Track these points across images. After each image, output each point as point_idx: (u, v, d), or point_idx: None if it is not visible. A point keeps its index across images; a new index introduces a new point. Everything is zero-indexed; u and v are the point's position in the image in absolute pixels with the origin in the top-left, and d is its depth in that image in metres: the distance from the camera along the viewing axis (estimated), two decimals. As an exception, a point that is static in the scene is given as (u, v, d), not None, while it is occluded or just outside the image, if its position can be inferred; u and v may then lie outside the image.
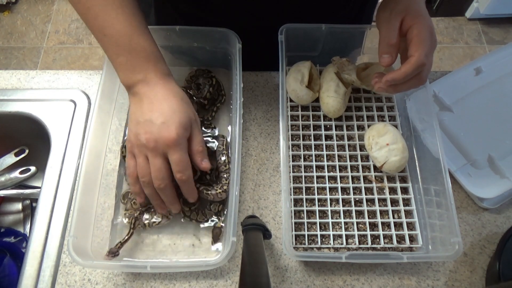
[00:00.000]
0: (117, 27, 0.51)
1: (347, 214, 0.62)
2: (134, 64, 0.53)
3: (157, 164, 0.51)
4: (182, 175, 0.52)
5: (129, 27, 0.52)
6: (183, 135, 0.51)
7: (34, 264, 0.59)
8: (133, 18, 0.52)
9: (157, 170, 0.51)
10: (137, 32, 0.52)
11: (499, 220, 0.63)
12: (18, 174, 0.76)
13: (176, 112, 0.51)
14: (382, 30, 0.54)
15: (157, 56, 0.54)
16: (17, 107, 0.72)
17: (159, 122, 0.50)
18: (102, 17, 0.51)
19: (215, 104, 0.70)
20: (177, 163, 0.51)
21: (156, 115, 0.51)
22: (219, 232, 0.60)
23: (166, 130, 0.50)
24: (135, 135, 0.52)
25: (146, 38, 0.53)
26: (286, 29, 0.65)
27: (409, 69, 0.50)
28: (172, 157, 0.51)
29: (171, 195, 0.54)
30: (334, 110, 0.66)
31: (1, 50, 2.05)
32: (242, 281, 0.44)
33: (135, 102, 0.53)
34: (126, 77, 0.53)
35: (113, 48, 0.53)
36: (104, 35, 0.52)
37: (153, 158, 0.51)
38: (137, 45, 0.52)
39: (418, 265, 0.60)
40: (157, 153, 0.51)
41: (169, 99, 0.52)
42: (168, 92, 0.53)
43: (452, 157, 0.66)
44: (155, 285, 0.58)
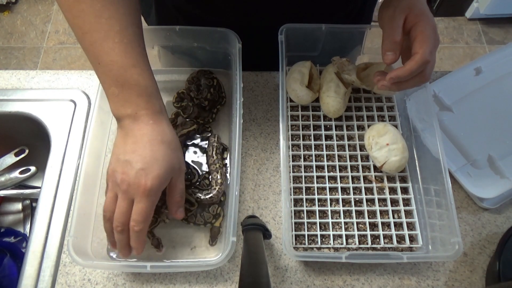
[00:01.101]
0: (112, 57, 0.48)
1: (347, 214, 0.62)
2: (125, 98, 0.50)
3: (122, 207, 0.49)
4: (136, 225, 0.49)
5: (125, 58, 0.49)
6: (158, 187, 0.49)
7: (34, 264, 0.59)
8: (131, 48, 0.49)
9: (120, 212, 0.49)
10: (132, 65, 0.49)
11: (499, 220, 0.63)
12: (18, 174, 0.76)
13: (157, 161, 0.48)
14: (386, 27, 0.54)
15: (151, 92, 0.51)
16: (17, 107, 0.72)
17: (138, 167, 0.48)
18: (99, 44, 0.48)
19: (215, 106, 0.70)
20: (138, 212, 0.48)
21: (137, 158, 0.48)
22: (217, 231, 0.60)
23: (142, 178, 0.47)
24: (112, 171, 0.50)
25: (142, 72, 0.50)
26: (286, 29, 0.65)
27: (414, 66, 0.50)
28: (137, 205, 0.48)
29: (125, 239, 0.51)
30: (334, 110, 0.66)
31: (1, 50, 2.05)
32: (242, 281, 0.44)
33: (121, 136, 0.51)
34: (116, 109, 0.51)
35: (106, 78, 0.50)
36: (98, 63, 0.49)
37: (121, 200, 0.49)
38: (130, 79, 0.49)
39: (418, 265, 0.60)
40: (126, 196, 0.49)
41: (154, 145, 0.49)
42: (155, 136, 0.50)
43: (452, 157, 0.66)
44: (155, 285, 0.58)
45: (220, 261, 0.51)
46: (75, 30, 0.49)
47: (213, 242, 0.59)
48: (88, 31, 0.48)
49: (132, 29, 0.50)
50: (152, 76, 0.52)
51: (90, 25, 0.48)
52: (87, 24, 0.48)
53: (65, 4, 0.48)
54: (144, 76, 0.50)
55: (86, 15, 0.48)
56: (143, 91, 0.50)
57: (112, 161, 0.51)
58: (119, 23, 0.48)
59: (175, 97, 0.68)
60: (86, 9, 0.47)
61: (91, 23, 0.48)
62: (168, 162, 0.49)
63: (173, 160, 0.50)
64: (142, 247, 0.52)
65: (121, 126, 0.51)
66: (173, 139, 0.52)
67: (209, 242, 0.59)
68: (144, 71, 0.51)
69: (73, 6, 0.48)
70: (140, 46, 0.51)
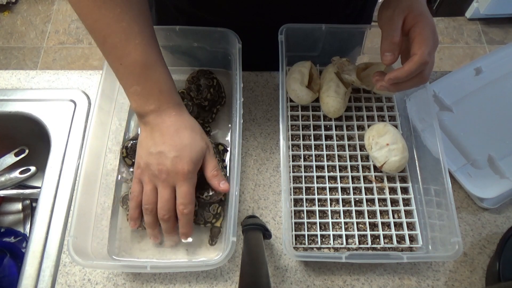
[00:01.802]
0: (134, 57, 0.51)
1: (347, 214, 0.62)
2: (148, 94, 0.53)
3: (165, 195, 0.53)
4: (184, 208, 0.53)
5: (145, 57, 0.52)
6: (194, 169, 0.53)
7: (34, 264, 0.59)
8: (149, 48, 0.52)
9: (165, 201, 0.53)
10: (153, 63, 0.53)
11: (499, 220, 0.63)
12: (18, 174, 0.76)
13: (187, 146, 0.53)
14: (385, 28, 0.54)
15: (171, 87, 0.55)
16: (17, 107, 0.72)
17: (172, 156, 0.51)
18: (120, 47, 0.51)
19: (215, 106, 0.70)
20: (183, 195, 0.53)
21: (169, 148, 0.52)
22: (217, 231, 0.60)
23: (178, 163, 0.51)
24: (146, 164, 0.53)
25: (161, 69, 0.54)
26: (286, 29, 0.65)
27: (413, 67, 0.50)
28: (180, 189, 0.53)
29: (172, 227, 0.56)
30: (334, 110, 0.66)
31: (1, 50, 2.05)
32: (242, 281, 0.44)
33: (147, 131, 0.54)
34: (139, 106, 0.54)
35: (128, 77, 0.53)
36: (120, 64, 0.52)
37: (163, 189, 0.53)
38: (152, 76, 0.53)
39: (418, 265, 0.60)
40: (167, 184, 0.53)
41: (181, 132, 0.53)
42: (180, 124, 0.54)
43: (452, 157, 0.66)
44: (155, 285, 0.58)
45: (220, 261, 0.51)
46: (95, 34, 0.51)
47: (213, 242, 0.59)
48: (109, 34, 0.50)
49: (149, 30, 0.53)
50: (169, 72, 0.55)
51: (111, 29, 0.50)
52: (109, 28, 0.50)
53: (85, 9, 0.50)
54: (164, 73, 0.54)
55: (107, 19, 0.50)
56: (164, 87, 0.54)
57: (142, 155, 0.54)
58: (138, 25, 0.51)
59: None
60: (107, 14, 0.49)
61: (112, 27, 0.50)
62: (197, 145, 0.54)
63: (200, 142, 0.54)
64: (191, 231, 0.56)
65: (144, 122, 0.54)
66: (195, 124, 0.56)
67: (209, 242, 0.60)
68: (163, 68, 0.54)
69: (94, 11, 0.50)
70: (157, 45, 0.54)
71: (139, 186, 0.55)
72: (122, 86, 0.54)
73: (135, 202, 0.56)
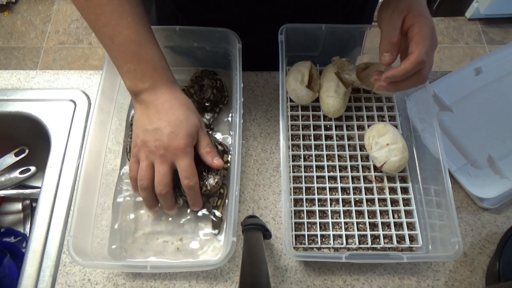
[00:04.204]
0: (126, 35, 0.52)
1: (347, 214, 0.62)
2: (142, 72, 0.53)
3: (162, 170, 0.53)
4: (190, 181, 0.54)
5: (138, 35, 0.53)
6: (190, 143, 0.54)
7: (34, 264, 0.59)
8: (141, 26, 0.53)
9: (162, 175, 0.53)
10: (146, 41, 0.53)
11: (499, 220, 0.63)
12: (18, 174, 0.76)
13: (182, 122, 0.53)
14: (384, 28, 0.54)
15: (164, 65, 0.55)
16: (17, 107, 0.72)
17: (168, 131, 0.52)
18: (113, 25, 0.52)
19: (217, 105, 0.70)
20: (184, 169, 0.53)
21: (164, 124, 0.53)
22: (219, 220, 0.60)
23: (174, 139, 0.52)
24: (143, 141, 0.54)
25: (154, 47, 0.54)
26: (286, 29, 0.65)
27: (409, 66, 0.50)
28: (180, 164, 0.53)
29: (171, 200, 0.57)
30: (334, 110, 0.66)
31: (1, 50, 2.05)
32: (242, 281, 0.44)
33: (142, 109, 0.55)
34: (133, 84, 0.54)
35: (122, 56, 0.53)
36: (113, 42, 0.53)
37: (160, 165, 0.53)
38: (145, 54, 0.53)
39: (418, 265, 0.60)
40: (165, 159, 0.53)
41: (176, 109, 0.54)
42: (175, 102, 0.54)
43: (452, 157, 0.66)
44: (155, 285, 0.58)
45: (220, 261, 0.51)
46: (88, 14, 0.53)
47: (215, 231, 0.60)
48: (102, 13, 0.52)
49: (139, 9, 0.54)
50: (161, 51, 0.56)
51: (103, 8, 0.51)
52: (101, 7, 0.51)
53: None
54: (157, 51, 0.55)
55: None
56: (158, 65, 0.54)
57: (139, 133, 0.55)
58: (129, 4, 0.52)
59: None
60: None
61: (103, 6, 0.51)
62: (191, 121, 0.54)
63: (194, 119, 0.55)
64: (200, 202, 0.58)
65: (139, 100, 0.55)
66: (189, 101, 0.57)
67: (212, 230, 0.60)
68: (156, 46, 0.55)
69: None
70: (148, 23, 0.55)
71: (136, 164, 0.56)
72: (116, 65, 0.55)
73: (135, 181, 0.56)
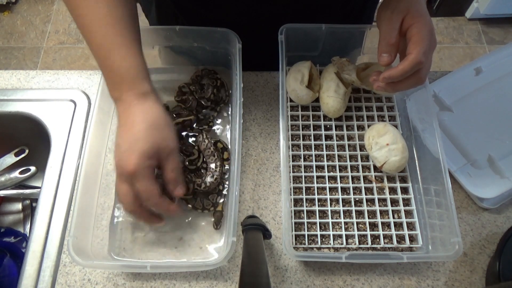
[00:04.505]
0: (98, 40, 0.49)
1: (347, 214, 0.62)
2: (113, 81, 0.51)
3: (121, 189, 0.50)
4: (149, 203, 0.51)
5: (109, 40, 0.49)
6: (144, 164, 0.48)
7: (34, 264, 0.59)
8: (118, 30, 0.49)
9: (122, 194, 0.51)
10: (117, 47, 0.49)
11: (499, 220, 0.63)
12: (18, 174, 0.76)
13: (138, 141, 0.49)
14: (383, 29, 0.54)
15: (135, 73, 0.50)
16: (17, 107, 0.72)
17: (123, 150, 0.49)
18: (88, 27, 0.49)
19: (218, 105, 0.70)
20: (140, 192, 0.50)
21: (122, 141, 0.49)
22: (220, 216, 0.61)
23: (127, 158, 0.48)
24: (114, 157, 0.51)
25: (127, 53, 0.50)
26: (286, 29, 0.65)
27: (407, 67, 0.50)
28: (136, 186, 0.49)
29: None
30: (334, 110, 0.66)
31: (1, 50, 2.05)
32: (242, 281, 0.44)
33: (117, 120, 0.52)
34: (109, 92, 0.52)
35: (97, 60, 0.51)
36: (91, 44, 0.50)
37: (120, 183, 0.51)
38: (114, 62, 0.50)
39: (418, 265, 0.60)
40: (122, 179, 0.50)
41: (135, 125, 0.49)
42: (138, 117, 0.50)
43: (452, 157, 0.66)
44: (155, 285, 0.58)
45: (220, 261, 0.51)
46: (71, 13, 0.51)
47: (217, 227, 0.60)
48: (79, 14, 0.49)
49: (120, 10, 0.50)
50: (138, 57, 0.51)
51: (80, 9, 0.49)
52: (78, 8, 0.49)
53: None
54: (128, 58, 0.50)
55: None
56: (126, 74, 0.50)
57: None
58: (106, 4, 0.49)
59: (177, 91, 0.69)
60: None
61: (80, 6, 0.49)
62: (150, 141, 0.49)
63: (157, 139, 0.50)
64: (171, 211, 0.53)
65: (116, 110, 0.52)
66: (158, 118, 0.51)
67: (214, 227, 0.60)
68: (129, 52, 0.50)
69: None
70: (129, 26, 0.51)
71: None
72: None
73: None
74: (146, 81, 0.51)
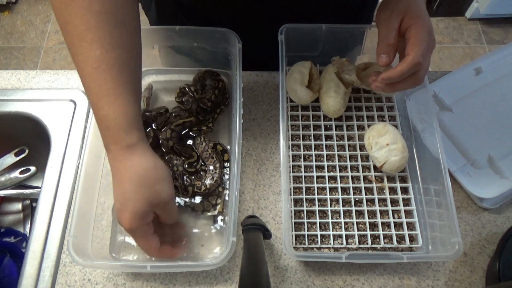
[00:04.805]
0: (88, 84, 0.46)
1: (347, 214, 0.62)
2: (101, 129, 0.48)
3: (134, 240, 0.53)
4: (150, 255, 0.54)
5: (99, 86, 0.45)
6: (138, 223, 0.48)
7: (34, 264, 0.59)
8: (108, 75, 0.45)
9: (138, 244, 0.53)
10: (106, 94, 0.46)
11: (499, 220, 0.63)
12: (18, 174, 0.76)
13: (129, 200, 0.47)
14: (381, 30, 0.54)
15: (121, 124, 0.46)
16: (17, 107, 0.72)
17: (117, 207, 0.48)
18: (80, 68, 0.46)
19: (219, 106, 0.70)
20: (141, 247, 0.53)
21: (116, 197, 0.48)
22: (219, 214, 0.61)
23: (121, 216, 0.48)
24: None
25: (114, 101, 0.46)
26: (286, 29, 0.65)
27: (405, 68, 0.50)
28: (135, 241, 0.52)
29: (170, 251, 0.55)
30: (334, 110, 0.66)
31: (1, 50, 2.05)
32: (242, 281, 0.44)
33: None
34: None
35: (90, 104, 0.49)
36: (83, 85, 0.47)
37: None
38: (101, 109, 0.46)
39: (418, 265, 0.60)
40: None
41: (123, 183, 0.47)
42: (126, 175, 0.47)
43: (452, 157, 0.66)
44: (155, 285, 0.58)
45: (220, 261, 0.51)
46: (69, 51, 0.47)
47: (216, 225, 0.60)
48: (73, 54, 0.46)
49: (116, 53, 0.46)
50: (126, 106, 0.47)
51: (74, 48, 0.46)
52: (73, 47, 0.46)
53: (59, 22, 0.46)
54: (116, 107, 0.46)
55: (72, 37, 0.45)
56: (112, 124, 0.47)
57: None
58: (100, 46, 0.45)
59: (177, 92, 0.69)
60: (71, 31, 0.45)
61: (75, 46, 0.46)
62: (141, 201, 0.47)
63: (147, 197, 0.48)
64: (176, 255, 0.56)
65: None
66: (146, 173, 0.48)
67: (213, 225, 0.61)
68: (117, 100, 0.46)
69: (62, 26, 0.46)
70: (124, 71, 0.47)
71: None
72: None
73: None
74: (133, 132, 0.47)
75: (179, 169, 0.62)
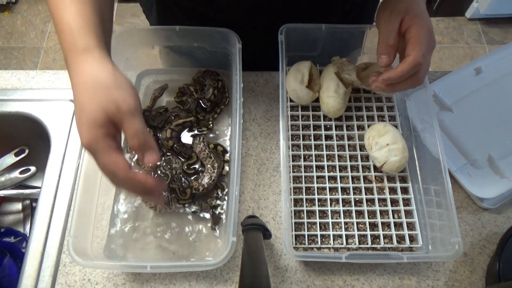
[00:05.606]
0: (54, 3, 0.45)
1: (347, 214, 0.62)
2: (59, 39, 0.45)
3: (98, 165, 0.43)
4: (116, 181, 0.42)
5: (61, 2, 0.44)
6: (97, 135, 0.41)
7: (34, 264, 0.59)
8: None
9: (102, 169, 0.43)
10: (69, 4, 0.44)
11: (499, 220, 0.63)
12: (18, 174, 0.76)
13: (84, 110, 0.41)
14: (382, 30, 0.54)
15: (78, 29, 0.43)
16: (17, 107, 0.72)
17: (76, 121, 0.42)
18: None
19: (218, 106, 0.70)
20: (103, 169, 0.42)
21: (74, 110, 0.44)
22: (218, 218, 0.61)
23: (79, 131, 0.42)
24: None
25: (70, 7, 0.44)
26: (286, 29, 0.65)
27: (405, 69, 0.50)
28: (97, 163, 0.42)
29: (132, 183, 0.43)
30: (334, 110, 0.66)
31: (1, 50, 2.05)
32: (242, 281, 0.44)
33: None
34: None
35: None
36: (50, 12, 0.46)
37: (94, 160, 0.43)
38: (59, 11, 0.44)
39: (418, 265, 0.60)
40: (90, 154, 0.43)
41: (79, 91, 0.42)
42: (79, 80, 0.43)
43: (452, 157, 0.66)
44: (155, 285, 0.58)
45: (220, 261, 0.51)
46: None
47: (215, 227, 0.60)
48: None
49: None
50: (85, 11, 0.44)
51: None
52: None
53: None
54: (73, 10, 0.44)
55: None
56: (66, 28, 0.44)
57: None
58: None
59: (177, 92, 0.69)
60: None
61: None
62: (94, 106, 0.41)
63: (103, 102, 0.41)
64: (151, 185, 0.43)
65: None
66: (101, 77, 0.42)
67: (212, 228, 0.60)
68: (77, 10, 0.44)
69: None
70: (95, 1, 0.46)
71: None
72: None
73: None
74: (90, 35, 0.43)
75: (178, 171, 0.62)
